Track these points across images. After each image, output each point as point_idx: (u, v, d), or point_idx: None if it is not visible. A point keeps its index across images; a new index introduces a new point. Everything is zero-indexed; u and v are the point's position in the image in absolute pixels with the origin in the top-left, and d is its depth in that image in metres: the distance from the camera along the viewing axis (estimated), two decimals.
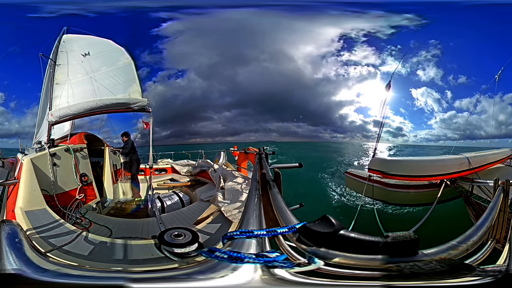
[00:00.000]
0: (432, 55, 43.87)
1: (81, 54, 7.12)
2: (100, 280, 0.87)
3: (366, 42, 44.11)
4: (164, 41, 43.75)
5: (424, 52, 43.62)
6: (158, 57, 45.58)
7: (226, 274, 0.74)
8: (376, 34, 40.22)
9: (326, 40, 46.01)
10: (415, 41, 39.43)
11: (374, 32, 40.11)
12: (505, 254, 1.83)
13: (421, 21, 33.40)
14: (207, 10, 36.51)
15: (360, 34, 42.44)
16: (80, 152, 4.85)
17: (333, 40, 46.06)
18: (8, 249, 0.95)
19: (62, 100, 6.28)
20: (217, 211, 3.62)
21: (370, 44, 44.21)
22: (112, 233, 3.32)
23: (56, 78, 6.58)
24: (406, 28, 34.95)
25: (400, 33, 36.78)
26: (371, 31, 40.45)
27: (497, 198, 2.62)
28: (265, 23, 43.28)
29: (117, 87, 6.83)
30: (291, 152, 28.41)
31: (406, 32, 35.71)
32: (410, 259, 0.77)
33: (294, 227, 0.89)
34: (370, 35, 41.52)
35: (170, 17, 39.15)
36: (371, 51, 45.58)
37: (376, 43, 42.96)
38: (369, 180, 6.55)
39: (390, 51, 43.63)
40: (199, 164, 7.45)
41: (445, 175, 5.63)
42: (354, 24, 40.51)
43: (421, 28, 34.41)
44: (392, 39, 39.42)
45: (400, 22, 34.49)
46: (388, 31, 38.23)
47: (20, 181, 3.20)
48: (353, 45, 45.55)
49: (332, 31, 43.92)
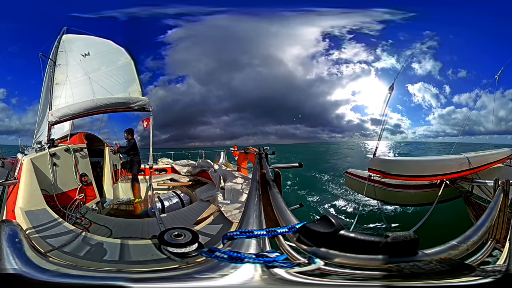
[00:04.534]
0: (428, 47, 43.69)
1: (80, 54, 7.12)
2: (100, 280, 0.87)
3: (354, 39, 44.09)
4: (167, 48, 44.17)
5: (419, 44, 43.41)
6: (160, 63, 46.15)
7: (226, 274, 0.74)
8: (364, 31, 40.24)
9: (311, 40, 46.15)
10: (406, 33, 39.27)
11: (360, 28, 40.11)
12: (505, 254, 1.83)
13: (409, 14, 33.28)
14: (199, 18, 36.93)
15: (344, 32, 42.34)
16: (80, 152, 4.85)
17: (318, 40, 46.17)
18: (8, 249, 0.95)
19: (62, 100, 6.29)
20: (217, 211, 3.62)
21: (359, 40, 44.19)
22: (112, 233, 3.32)
23: (56, 78, 6.59)
24: (396, 22, 34.81)
25: (390, 28, 36.66)
26: (354, 28, 40.43)
27: (497, 198, 2.62)
28: (250, 28, 43.74)
29: (117, 86, 6.83)
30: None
31: (397, 25, 35.53)
32: (410, 259, 0.77)
33: (294, 227, 0.89)
34: (356, 32, 41.53)
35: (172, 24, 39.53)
36: (361, 47, 45.51)
37: (366, 39, 42.93)
38: (369, 180, 6.55)
39: (382, 46, 43.53)
40: (199, 164, 7.45)
41: (445, 175, 5.63)
42: (337, 21, 40.50)
43: (412, 21, 34.33)
44: (383, 34, 39.34)
45: (389, 17, 34.40)
46: (378, 26, 38.21)
47: (20, 181, 3.20)
48: (340, 43, 45.53)
49: (314, 31, 43.97)
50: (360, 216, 6.19)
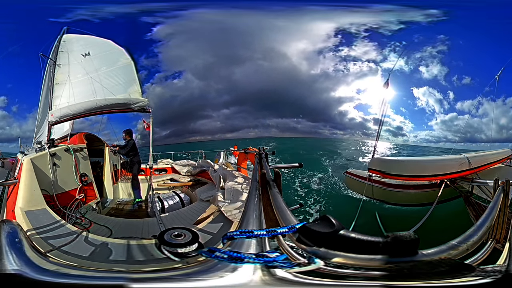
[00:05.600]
0: (437, 51, 43.46)
1: (81, 54, 7.12)
2: (100, 280, 0.87)
3: (368, 38, 43.97)
4: (158, 45, 44.34)
5: (429, 48, 43.21)
6: (154, 60, 46.25)
7: (226, 274, 0.74)
8: (379, 30, 40.09)
9: (321, 36, 46.00)
10: (419, 36, 39.07)
11: (377, 27, 39.92)
12: (505, 254, 1.83)
13: (433, 18, 33.12)
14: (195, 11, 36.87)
15: (361, 29, 42.26)
16: (80, 152, 4.85)
17: (329, 36, 46.01)
18: (8, 249, 0.95)
19: (62, 100, 6.28)
20: (217, 211, 3.62)
21: (372, 39, 44.07)
22: (112, 233, 3.32)
23: (56, 78, 6.59)
24: (413, 24, 34.67)
25: (409, 29, 36.55)
26: (373, 26, 40.24)
27: (497, 198, 2.62)
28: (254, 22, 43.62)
29: (117, 87, 6.83)
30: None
31: (413, 28, 35.40)
32: (410, 259, 0.77)
33: (294, 227, 0.89)
34: (371, 31, 41.38)
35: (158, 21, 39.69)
36: (372, 46, 45.41)
37: (378, 38, 42.79)
38: (369, 180, 6.55)
39: (394, 47, 43.36)
40: (199, 164, 7.45)
41: (445, 175, 5.63)
42: (353, 19, 40.40)
43: (429, 24, 34.14)
44: (397, 35, 39.20)
45: (407, 18, 34.22)
46: (395, 26, 37.96)
47: (20, 181, 3.20)
48: (352, 40, 45.40)
49: (325, 26, 43.84)
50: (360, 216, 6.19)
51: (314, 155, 23.80)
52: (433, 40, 41.80)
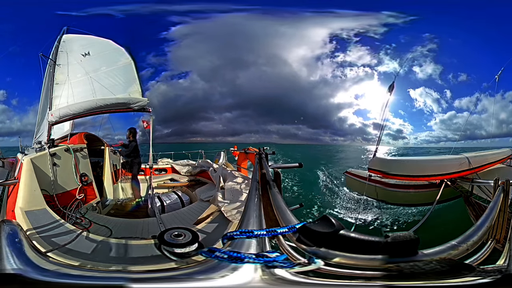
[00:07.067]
0: (428, 49, 43.69)
1: (81, 54, 7.12)
2: (100, 280, 0.87)
3: (359, 42, 44.18)
4: (170, 44, 44.57)
5: (419, 48, 43.43)
6: (162, 59, 46.59)
7: (226, 274, 0.74)
8: (370, 34, 40.33)
9: (318, 42, 46.29)
10: (406, 36, 39.35)
11: (367, 31, 40.21)
12: (505, 254, 1.82)
13: (409, 17, 33.29)
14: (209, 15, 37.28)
15: (351, 34, 42.50)
16: (80, 152, 4.85)
17: (325, 42, 46.32)
18: (8, 249, 0.95)
19: (62, 100, 6.28)
20: (217, 211, 3.62)
21: (364, 43, 44.27)
22: (112, 233, 3.31)
23: (56, 78, 6.58)
24: (398, 26, 34.86)
25: (393, 31, 36.74)
26: (361, 31, 40.56)
27: (497, 198, 2.62)
28: (258, 27, 43.99)
29: (117, 87, 6.82)
30: None
31: (400, 29, 35.58)
32: (410, 259, 0.77)
33: (294, 227, 0.89)
34: (363, 35, 41.65)
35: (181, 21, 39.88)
36: (365, 51, 45.60)
37: (370, 42, 43.01)
38: (369, 180, 6.55)
39: (385, 49, 43.57)
40: (199, 164, 7.45)
41: (445, 175, 5.63)
42: (347, 23, 40.64)
43: (412, 24, 34.31)
44: (386, 37, 39.43)
45: (393, 20, 34.42)
46: (381, 29, 38.22)
47: (20, 181, 3.20)
48: (346, 45, 45.65)
49: (323, 32, 44.16)
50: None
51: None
52: (420, 39, 42.04)
